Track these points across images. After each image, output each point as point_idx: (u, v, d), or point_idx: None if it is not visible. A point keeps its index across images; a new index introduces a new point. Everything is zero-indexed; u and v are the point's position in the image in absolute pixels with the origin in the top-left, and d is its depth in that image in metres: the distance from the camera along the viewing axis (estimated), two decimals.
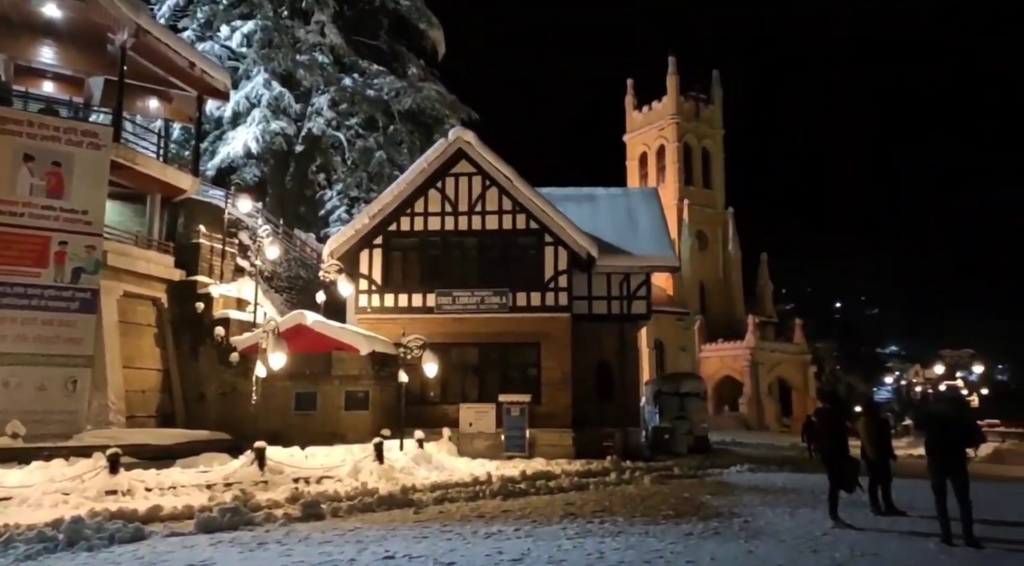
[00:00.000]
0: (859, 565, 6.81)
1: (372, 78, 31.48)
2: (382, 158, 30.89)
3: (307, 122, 30.36)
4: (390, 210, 19.19)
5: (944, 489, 8.06)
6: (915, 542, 8.00)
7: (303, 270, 24.58)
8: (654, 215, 22.61)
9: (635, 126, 59.95)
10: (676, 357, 51.79)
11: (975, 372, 44.35)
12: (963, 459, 8.18)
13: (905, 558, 7.15)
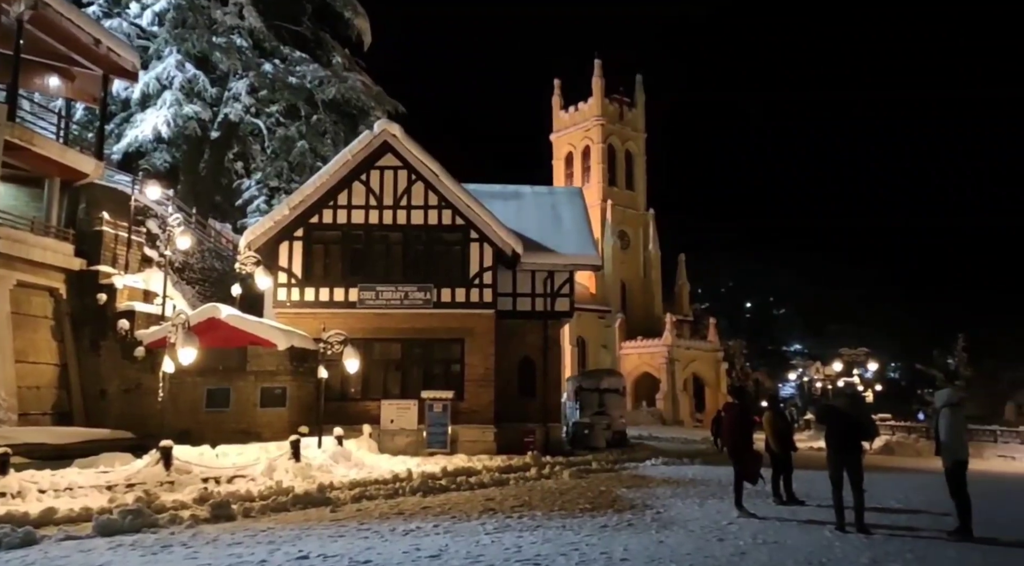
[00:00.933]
0: (761, 552, 7.16)
1: (294, 65, 30.48)
2: (304, 148, 29.99)
3: (224, 107, 29.08)
4: (312, 202, 18.68)
5: (841, 480, 8.60)
6: (812, 529, 8.50)
7: (218, 262, 23.59)
8: (578, 214, 22.99)
9: (561, 126, 60.78)
10: (597, 354, 52.92)
11: (870, 369, 47.52)
12: (860, 452, 8.74)
13: (803, 545, 7.58)
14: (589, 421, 22.69)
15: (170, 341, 13.61)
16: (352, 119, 31.31)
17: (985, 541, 7.96)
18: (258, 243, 18.24)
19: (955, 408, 8.67)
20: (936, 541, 7.96)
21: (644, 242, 58.29)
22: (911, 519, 9.33)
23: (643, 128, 60.28)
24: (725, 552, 7.11)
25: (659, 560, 6.65)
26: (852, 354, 50.36)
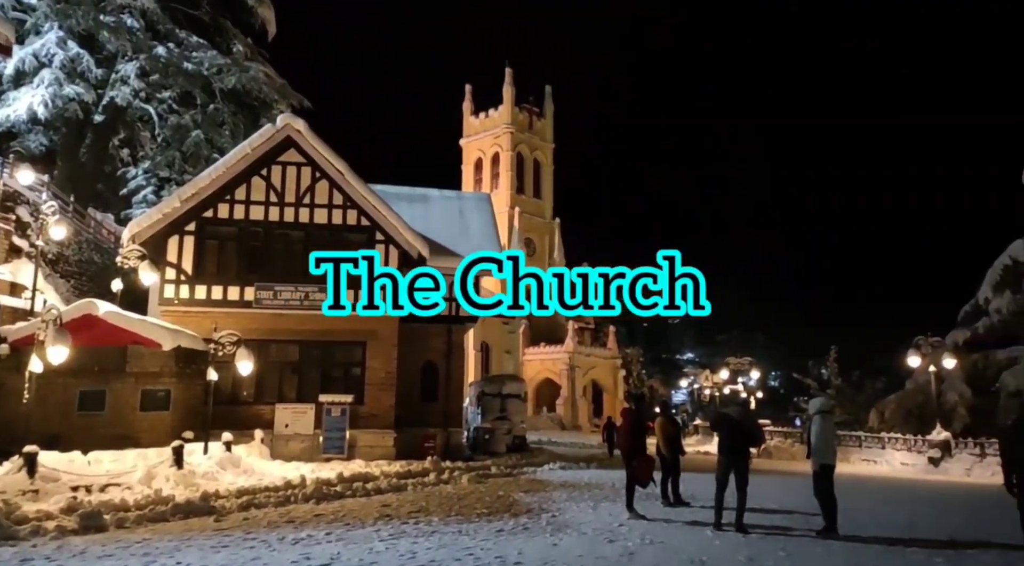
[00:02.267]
0: (648, 552, 7.43)
1: (191, 50, 28.85)
2: (199, 138, 28.40)
3: (110, 90, 27.12)
4: (207, 195, 17.75)
5: (726, 482, 9.07)
6: (695, 530, 8.92)
7: (97, 254, 21.95)
8: (486, 220, 23.14)
9: (472, 131, 61.01)
10: (501, 359, 53.28)
11: (753, 377, 50.48)
12: (748, 457, 9.27)
13: (687, 544, 7.93)
14: (490, 426, 22.80)
15: (39, 338, 12.48)
16: (253, 111, 29.99)
17: (848, 538, 8.62)
18: (144, 236, 17.11)
19: (826, 415, 9.36)
20: (806, 539, 8.53)
21: (550, 250, 59.37)
22: (785, 519, 9.95)
23: (551, 138, 61.53)
24: (615, 553, 7.32)
25: (552, 562, 6.76)
26: (738, 363, 53.35)
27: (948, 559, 7.51)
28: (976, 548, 8.16)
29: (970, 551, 7.99)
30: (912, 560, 7.41)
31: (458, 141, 62.04)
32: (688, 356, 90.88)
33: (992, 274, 28.87)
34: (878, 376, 41.69)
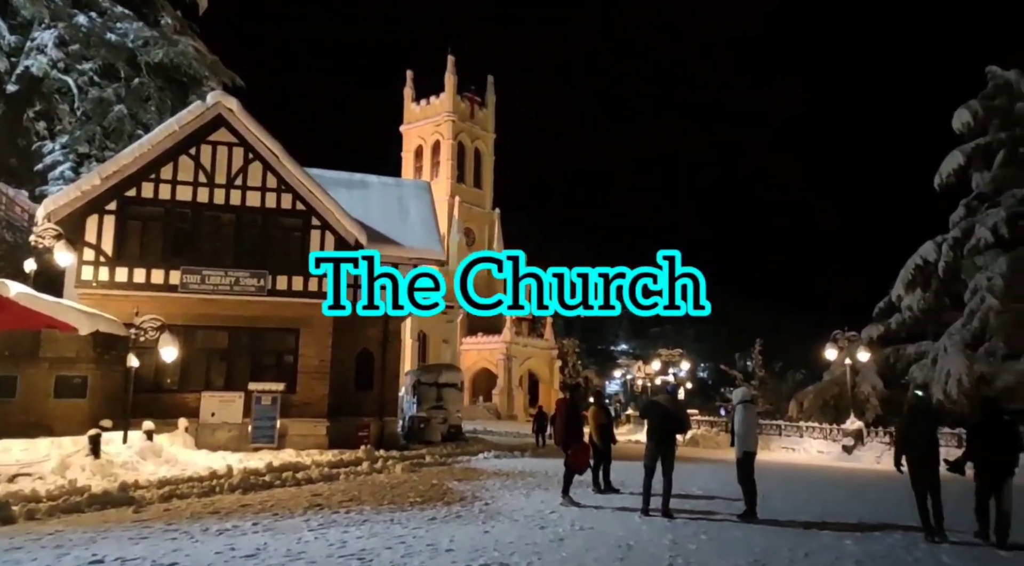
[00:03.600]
0: (577, 538, 7.59)
1: (115, 21, 27.26)
2: (123, 113, 26.93)
3: (24, 59, 25.42)
4: (130, 173, 16.93)
5: (654, 468, 9.34)
6: (624, 515, 9.16)
7: (9, 233, 20.64)
8: (425, 208, 22.91)
9: (413, 118, 60.29)
10: (438, 349, 53.11)
11: (683, 369, 52.15)
12: (674, 444, 9.56)
13: (615, 529, 8.14)
14: (426, 415, 22.72)
15: None
16: (182, 87, 28.64)
17: (767, 522, 9.03)
18: (61, 215, 16.20)
19: (748, 405, 9.76)
20: (727, 523, 8.90)
21: (489, 240, 59.40)
22: (708, 504, 10.34)
23: (493, 129, 61.45)
24: (545, 539, 7.45)
25: (483, 549, 6.82)
26: (669, 354, 54.99)
27: (856, 541, 7.97)
28: (882, 530, 8.69)
29: (877, 533, 8.50)
30: (824, 542, 7.82)
31: (398, 128, 61.20)
32: (623, 347, 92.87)
33: (904, 273, 30.58)
34: (799, 368, 43.73)
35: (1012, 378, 26.40)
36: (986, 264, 28.37)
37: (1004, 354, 27.23)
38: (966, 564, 6.86)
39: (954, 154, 30.11)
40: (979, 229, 28.63)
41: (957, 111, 29.97)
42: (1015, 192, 28.73)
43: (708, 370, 79.52)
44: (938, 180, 30.32)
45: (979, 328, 27.51)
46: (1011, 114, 29.27)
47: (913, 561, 6.95)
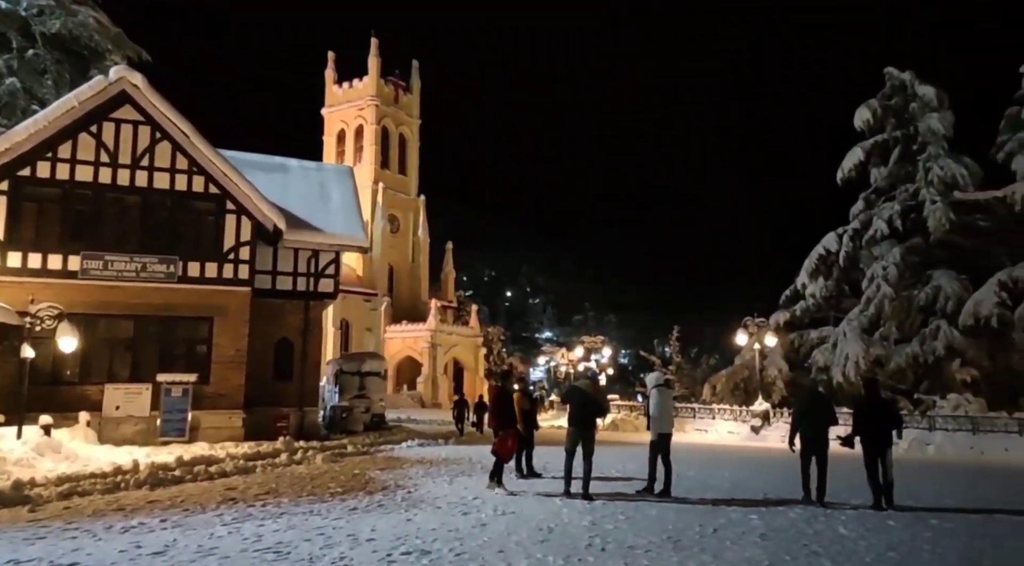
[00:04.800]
0: (499, 523, 7.68)
1: None
2: (15, 86, 24.89)
3: None
4: (23, 151, 15.72)
5: (575, 452, 9.56)
6: (546, 499, 9.34)
7: None
8: (348, 194, 22.37)
9: (335, 101, 58.65)
10: (361, 337, 52.24)
11: (605, 355, 53.50)
12: (594, 428, 9.78)
13: (537, 513, 8.29)
14: (348, 404, 22.36)
15: None
16: (82, 61, 26.71)
17: (680, 500, 9.43)
18: None
19: (662, 389, 10.13)
20: (643, 503, 9.22)
21: (414, 228, 58.73)
22: (626, 485, 10.68)
23: (418, 114, 60.58)
24: (468, 525, 7.50)
25: (405, 537, 6.80)
26: (591, 341, 56.25)
27: (761, 515, 8.44)
28: (785, 505, 9.23)
29: (780, 508, 9.03)
30: (732, 518, 8.24)
31: (319, 111, 59.42)
32: (547, 335, 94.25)
33: (809, 263, 32.39)
34: (713, 353, 45.67)
35: (903, 361, 28.50)
36: (882, 254, 30.43)
37: (896, 338, 29.35)
38: (860, 534, 7.37)
39: (855, 150, 32.04)
40: (876, 221, 30.63)
41: (858, 110, 31.87)
42: (908, 187, 30.89)
43: (629, 356, 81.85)
44: (840, 175, 32.21)
45: (875, 314, 29.50)
46: (905, 113, 31.38)
47: (813, 533, 7.42)
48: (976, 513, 8.97)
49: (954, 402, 24.20)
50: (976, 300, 26.56)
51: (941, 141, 29.98)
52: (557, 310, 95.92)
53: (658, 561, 6.04)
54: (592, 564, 5.91)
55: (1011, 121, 29.54)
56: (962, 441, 20.82)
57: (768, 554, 6.37)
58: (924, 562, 6.16)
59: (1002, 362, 28.10)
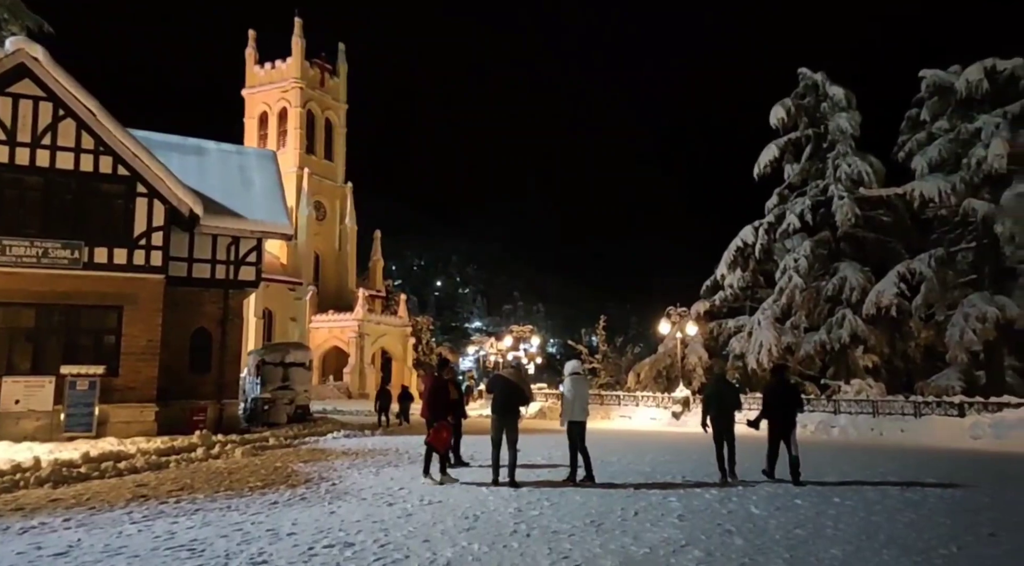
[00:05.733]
0: (425, 512, 7.67)
1: None
2: None
3: None
4: None
5: (500, 440, 9.63)
6: (473, 488, 9.38)
7: None
8: (271, 179, 21.64)
9: (256, 82, 56.48)
10: (285, 327, 50.85)
11: (534, 344, 54.08)
12: (518, 416, 9.87)
13: (463, 502, 8.32)
14: (270, 396, 21.75)
15: None
16: None
17: (604, 485, 9.68)
18: None
19: (576, 377, 10.29)
20: (568, 489, 9.40)
21: (341, 215, 57.46)
22: (552, 472, 10.86)
23: (345, 99, 59.13)
24: (393, 515, 7.45)
25: (328, 530, 6.69)
26: (520, 331, 56.73)
27: (680, 497, 8.77)
28: (702, 487, 9.62)
29: (697, 490, 9.40)
30: (653, 501, 8.52)
31: (240, 91, 57.08)
32: (476, 324, 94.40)
33: (727, 255, 33.70)
34: (638, 342, 46.92)
35: (811, 348, 30.14)
36: (793, 247, 32.01)
37: (806, 327, 31.00)
38: (770, 513, 7.77)
39: (770, 147, 33.48)
40: (789, 215, 32.16)
41: (774, 108, 33.28)
42: (818, 183, 32.56)
43: (557, 345, 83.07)
44: (757, 170, 33.61)
45: (787, 304, 31.03)
46: (817, 112, 33.02)
47: (727, 513, 7.77)
48: (874, 487, 9.62)
49: (857, 387, 25.81)
50: (878, 291, 28.33)
51: (849, 140, 31.71)
52: (487, 300, 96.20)
53: (581, 544, 6.18)
54: (517, 550, 5.99)
55: (911, 122, 31.57)
56: (863, 423, 22.24)
57: (685, 534, 6.63)
58: (827, 538, 6.55)
59: (900, 349, 30.19)
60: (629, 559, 5.71)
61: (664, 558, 5.75)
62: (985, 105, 28.41)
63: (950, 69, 29.65)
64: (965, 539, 6.52)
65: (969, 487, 10.02)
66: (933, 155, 29.13)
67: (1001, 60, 28.01)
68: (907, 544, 6.29)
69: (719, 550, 6.03)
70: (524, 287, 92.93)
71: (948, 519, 7.50)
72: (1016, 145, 26.41)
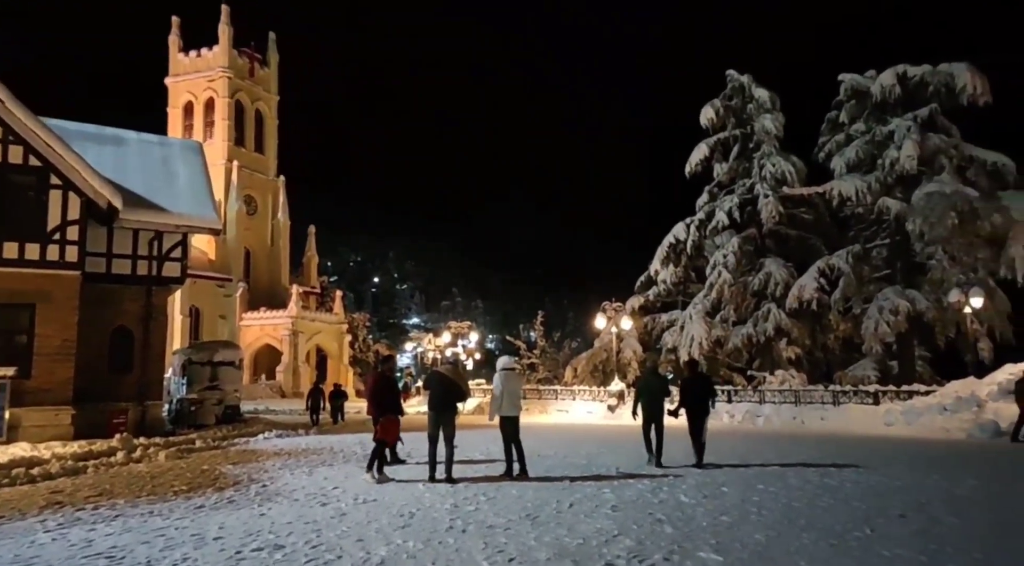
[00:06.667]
0: (360, 511, 7.56)
1: None
2: None
3: None
4: None
5: (436, 437, 9.59)
6: (409, 485, 9.31)
7: None
8: (197, 171, 20.81)
9: (181, 70, 54.17)
10: (214, 325, 49.11)
11: (472, 341, 54.10)
12: (455, 412, 9.84)
13: (399, 499, 8.25)
14: (197, 397, 20.97)
15: None
16: None
17: (540, 478, 9.79)
18: None
19: (507, 372, 10.38)
20: (504, 483, 9.46)
21: (273, 210, 55.80)
22: (489, 468, 10.89)
23: (276, 90, 57.40)
24: (326, 515, 7.32)
25: (257, 532, 6.52)
26: (458, 327, 56.63)
27: (613, 488, 8.97)
28: (635, 479, 9.86)
29: (630, 481, 9.63)
30: (587, 492, 8.68)
31: (163, 80, 54.63)
32: (415, 321, 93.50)
33: (661, 250, 34.59)
34: (575, 337, 47.58)
35: (739, 341, 31.29)
36: (723, 243, 33.14)
37: (734, 321, 32.16)
38: (698, 501, 8.04)
39: (700, 146, 34.53)
40: (718, 213, 33.26)
41: (704, 108, 34.32)
42: (745, 181, 33.79)
43: (496, 341, 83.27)
44: (688, 168, 34.60)
45: (716, 298, 32.12)
46: (744, 113, 34.25)
47: (658, 502, 7.99)
48: (795, 474, 10.09)
49: (781, 377, 26.98)
50: (800, 285, 29.67)
51: (773, 140, 33.04)
52: (425, 296, 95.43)
53: (516, 538, 6.24)
54: (452, 545, 5.99)
55: (831, 124, 33.14)
56: (786, 412, 23.26)
57: (618, 524, 6.78)
58: (752, 523, 6.83)
59: (820, 341, 31.72)
60: (563, 550, 5.80)
61: (597, 548, 5.87)
62: (898, 109, 30.13)
63: (866, 74, 31.26)
64: (877, 521, 6.91)
65: (881, 471, 10.64)
66: (851, 156, 30.68)
67: (912, 67, 29.74)
68: (825, 527, 6.62)
69: (649, 538, 6.20)
70: (463, 283, 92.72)
71: (862, 503, 7.93)
72: (925, 147, 28.15)
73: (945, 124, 29.84)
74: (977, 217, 25.93)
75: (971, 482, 9.51)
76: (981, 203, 26.23)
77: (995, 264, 26.32)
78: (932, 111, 29.33)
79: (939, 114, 29.52)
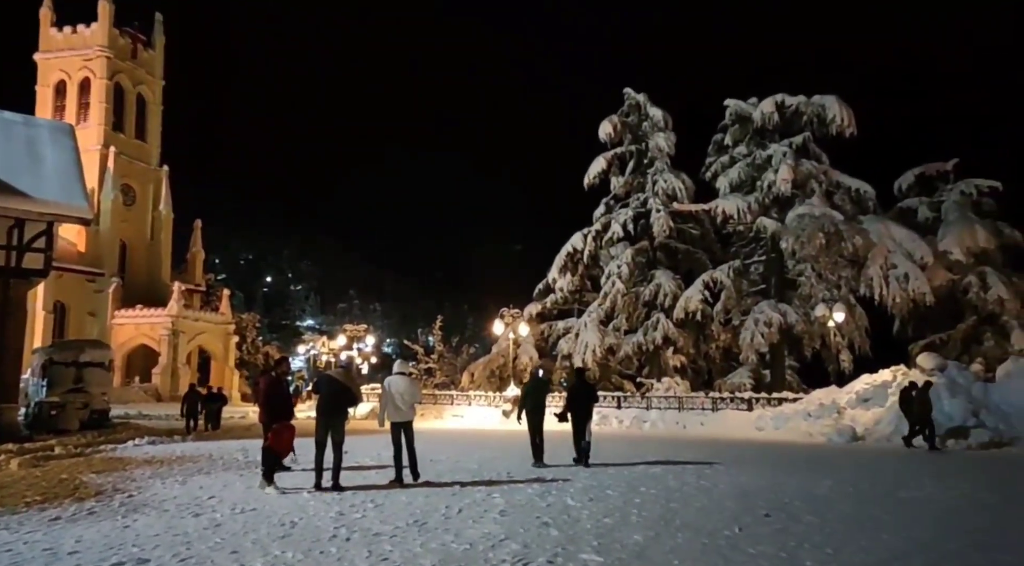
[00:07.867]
0: (236, 522, 7.18)
1: None
2: None
3: None
4: None
5: (325, 442, 9.28)
6: (293, 493, 8.95)
7: None
8: (66, 155, 19.14)
9: (53, 47, 49.75)
10: (82, 323, 45.35)
11: (369, 344, 52.99)
12: (344, 417, 9.57)
13: (280, 508, 7.92)
14: (59, 400, 19.29)
15: None
16: None
17: (431, 484, 9.73)
18: None
19: (397, 376, 10.21)
20: (394, 490, 9.31)
21: (155, 201, 52.23)
22: (379, 474, 10.68)
23: (161, 75, 53.81)
24: (199, 527, 6.91)
25: (119, 546, 6.05)
26: (354, 330, 55.31)
27: (503, 493, 9.04)
28: (524, 483, 9.99)
29: (520, 485, 9.75)
30: (477, 498, 8.70)
31: (32, 55, 49.98)
32: (309, 323, 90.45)
33: (559, 259, 35.36)
34: (473, 342, 47.67)
35: (630, 349, 32.51)
36: (617, 254, 34.33)
37: (626, 329, 33.38)
38: (584, 504, 8.26)
39: (599, 160, 35.66)
40: (613, 224, 34.46)
41: (602, 123, 35.49)
42: (639, 196, 35.24)
43: (393, 345, 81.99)
44: (587, 180, 35.63)
45: (610, 307, 33.22)
46: (639, 130, 35.73)
47: (546, 506, 8.14)
48: (675, 476, 10.59)
49: (666, 384, 28.27)
50: (686, 297, 31.24)
51: (665, 157, 34.66)
52: (321, 297, 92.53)
53: (402, 545, 6.15)
54: (334, 554, 5.82)
55: (717, 145, 35.21)
56: (671, 418, 24.38)
57: (505, 529, 6.84)
58: (632, 525, 7.09)
59: (703, 350, 33.52)
60: (449, 556, 5.78)
61: (483, 553, 5.89)
62: (776, 135, 32.47)
63: (749, 100, 33.45)
64: (744, 520, 7.37)
65: (751, 472, 11.37)
66: (734, 177, 32.69)
67: (789, 96, 32.13)
68: (698, 527, 6.98)
69: (535, 542, 6.29)
70: (361, 285, 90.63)
71: (733, 503, 8.43)
72: (799, 172, 30.45)
73: (816, 151, 32.43)
74: (841, 238, 28.33)
75: (828, 482, 10.34)
76: (845, 226, 28.68)
77: (856, 282, 28.84)
78: (805, 139, 31.82)
79: (811, 142, 32.07)
